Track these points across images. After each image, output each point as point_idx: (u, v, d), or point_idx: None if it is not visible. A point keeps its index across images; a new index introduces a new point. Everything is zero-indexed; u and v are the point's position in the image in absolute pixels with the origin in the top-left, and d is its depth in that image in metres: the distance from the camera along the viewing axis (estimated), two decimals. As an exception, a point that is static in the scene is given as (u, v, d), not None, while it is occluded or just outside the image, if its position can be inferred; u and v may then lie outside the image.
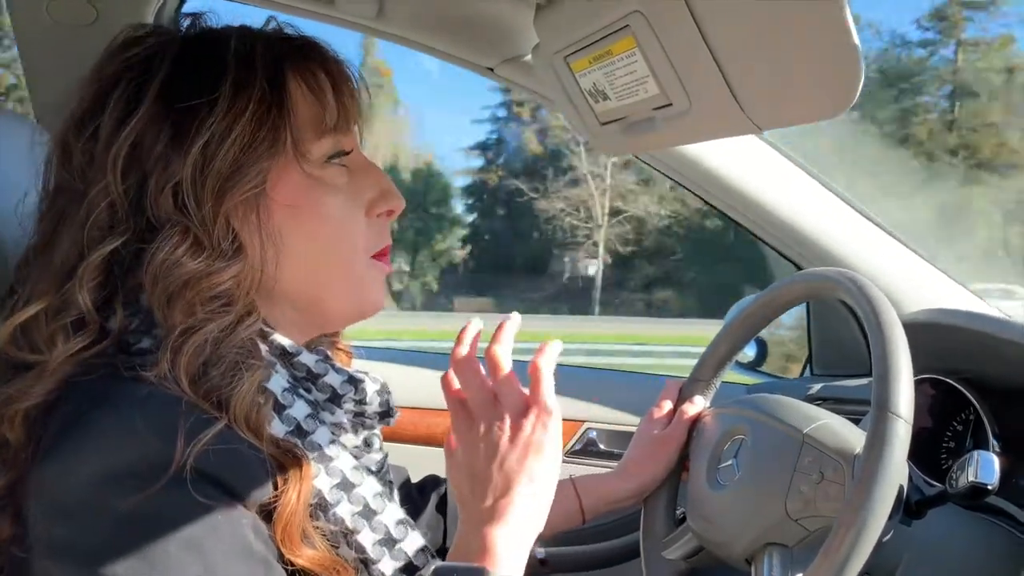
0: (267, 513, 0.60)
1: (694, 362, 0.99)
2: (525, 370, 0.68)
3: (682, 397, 0.96)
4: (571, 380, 1.56)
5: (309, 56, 0.70)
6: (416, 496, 0.98)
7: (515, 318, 0.71)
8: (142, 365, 0.59)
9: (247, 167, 0.64)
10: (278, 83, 0.66)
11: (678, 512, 0.95)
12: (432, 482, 1.01)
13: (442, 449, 0.72)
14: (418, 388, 1.37)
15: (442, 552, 0.95)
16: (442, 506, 0.97)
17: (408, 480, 0.99)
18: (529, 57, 1.07)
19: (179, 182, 0.63)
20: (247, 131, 0.64)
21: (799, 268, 1.32)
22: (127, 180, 0.63)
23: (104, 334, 0.63)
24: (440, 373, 0.72)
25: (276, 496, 0.60)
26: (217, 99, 0.64)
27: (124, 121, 0.64)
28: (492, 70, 1.13)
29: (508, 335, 0.69)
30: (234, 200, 0.64)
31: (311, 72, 0.69)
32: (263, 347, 0.66)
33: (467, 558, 0.64)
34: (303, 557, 0.61)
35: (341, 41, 0.75)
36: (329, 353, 0.75)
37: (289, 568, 0.60)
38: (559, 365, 0.70)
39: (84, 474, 0.55)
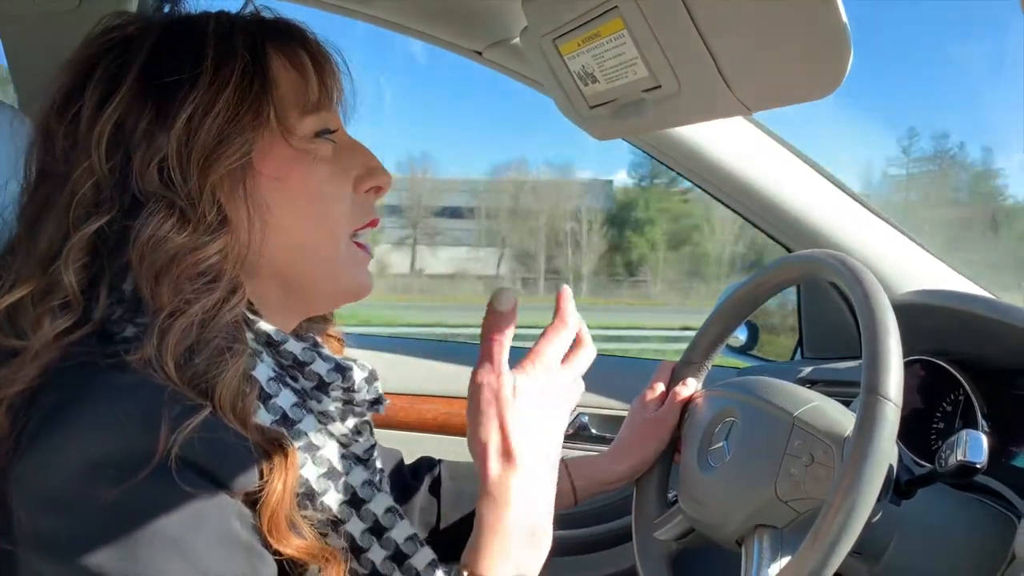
0: (253, 502, 0.60)
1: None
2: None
3: (674, 379, 0.97)
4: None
5: (289, 34, 0.71)
6: (409, 478, 0.98)
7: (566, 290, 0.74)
8: (126, 351, 0.59)
9: (231, 139, 0.64)
10: (259, 58, 0.67)
11: (670, 494, 0.95)
12: (426, 464, 1.01)
13: (432, 435, 0.72)
14: (408, 375, 1.37)
15: (435, 534, 0.95)
16: (435, 488, 0.97)
17: (401, 462, 1.00)
18: (517, 40, 1.06)
19: (164, 157, 0.63)
20: (230, 103, 0.64)
21: (790, 251, 1.32)
22: (111, 159, 0.63)
23: (88, 320, 0.62)
24: (427, 361, 0.72)
25: (262, 485, 0.60)
26: (199, 74, 0.64)
27: (106, 101, 0.64)
28: (480, 54, 1.12)
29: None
30: (219, 172, 0.64)
31: (292, 49, 0.70)
32: (249, 335, 0.66)
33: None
34: (291, 546, 0.60)
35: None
36: (319, 340, 0.75)
37: (277, 558, 0.60)
38: None
39: (66, 466, 0.55)
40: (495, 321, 0.68)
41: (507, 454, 0.66)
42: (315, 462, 0.66)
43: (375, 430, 0.76)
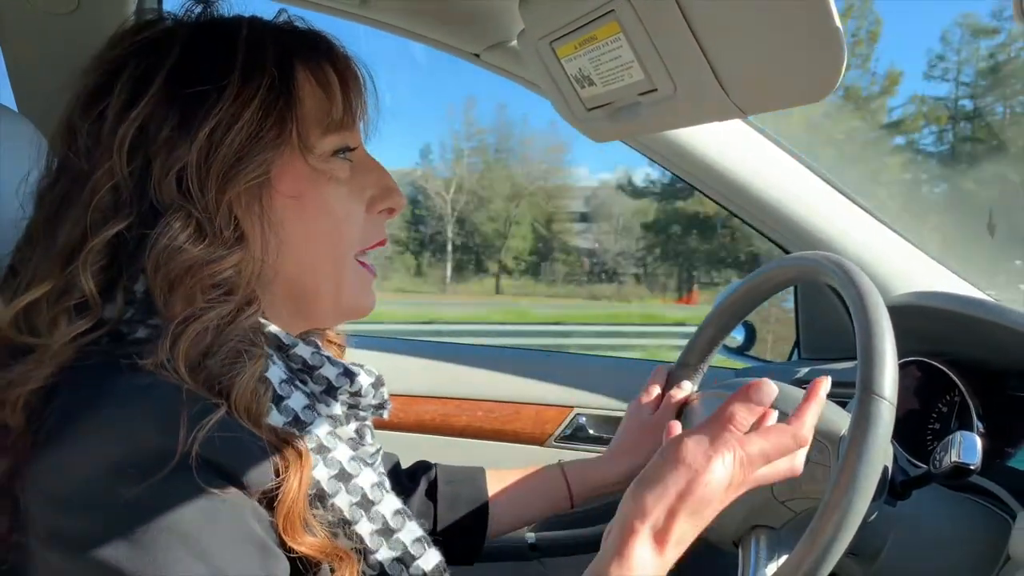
0: (268, 500, 0.60)
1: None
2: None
3: (670, 382, 0.97)
4: (560, 366, 1.57)
5: (318, 50, 0.70)
6: (406, 482, 0.98)
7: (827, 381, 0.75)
8: (139, 355, 0.59)
9: (252, 155, 0.64)
10: (287, 75, 0.66)
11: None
12: (422, 468, 1.01)
13: (430, 435, 0.72)
14: (407, 376, 1.37)
15: (432, 536, 0.95)
16: (432, 492, 0.97)
17: (398, 465, 1.00)
18: (515, 43, 1.06)
19: (184, 167, 0.63)
20: (254, 120, 0.64)
21: (786, 252, 1.32)
22: (132, 163, 0.63)
23: (103, 321, 0.62)
24: (428, 361, 0.72)
25: (278, 483, 0.60)
26: (226, 86, 0.64)
27: (132, 103, 0.64)
28: (478, 56, 1.12)
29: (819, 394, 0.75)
30: (237, 188, 0.64)
31: (320, 66, 0.69)
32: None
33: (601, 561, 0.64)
34: (304, 544, 0.61)
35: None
36: (320, 343, 0.75)
37: (290, 555, 0.60)
38: (545, 350, 0.71)
39: (85, 465, 0.55)
40: (747, 401, 0.70)
41: (661, 539, 0.64)
42: (326, 464, 0.66)
43: (374, 431, 0.77)
